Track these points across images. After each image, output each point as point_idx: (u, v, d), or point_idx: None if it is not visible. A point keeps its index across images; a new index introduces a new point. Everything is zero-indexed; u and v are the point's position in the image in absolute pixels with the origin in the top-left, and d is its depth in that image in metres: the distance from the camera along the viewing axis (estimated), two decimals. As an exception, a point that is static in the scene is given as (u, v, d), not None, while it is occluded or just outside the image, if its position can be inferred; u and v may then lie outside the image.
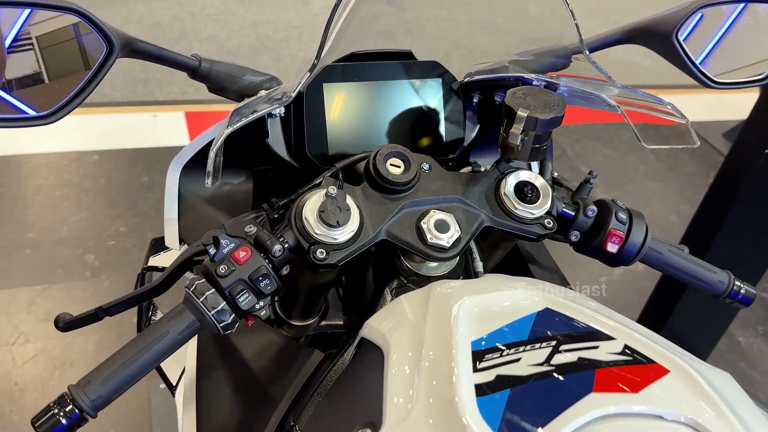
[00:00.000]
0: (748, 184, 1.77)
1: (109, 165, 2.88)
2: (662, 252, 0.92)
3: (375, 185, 0.83)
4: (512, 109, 0.80)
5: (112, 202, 2.68)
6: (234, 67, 0.92)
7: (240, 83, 0.92)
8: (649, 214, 2.85)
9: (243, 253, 0.74)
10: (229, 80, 0.92)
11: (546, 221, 0.86)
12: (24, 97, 0.72)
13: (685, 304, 2.17)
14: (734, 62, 0.93)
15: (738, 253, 1.95)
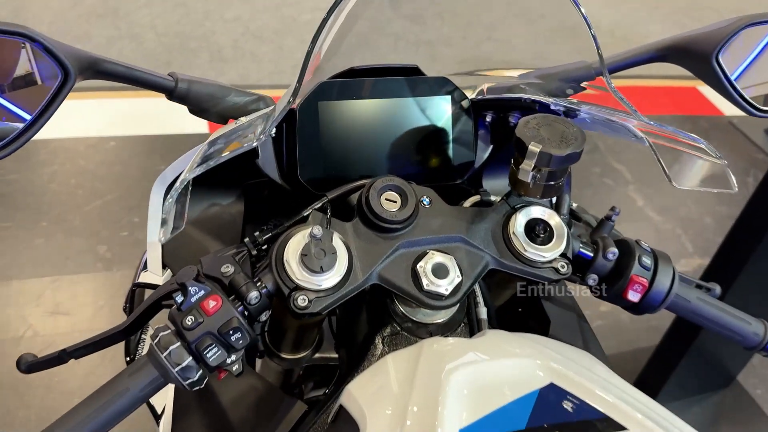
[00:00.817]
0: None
1: (126, 152, 2.84)
2: (690, 300, 0.83)
3: (368, 222, 0.75)
4: (523, 142, 0.71)
5: (127, 191, 2.63)
6: (215, 87, 0.84)
7: (222, 104, 0.84)
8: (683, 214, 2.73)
9: (213, 302, 0.67)
10: (210, 101, 0.83)
11: (560, 265, 0.77)
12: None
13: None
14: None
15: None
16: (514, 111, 0.90)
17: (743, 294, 1.75)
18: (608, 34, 4.68)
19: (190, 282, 0.67)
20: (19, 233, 2.42)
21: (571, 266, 0.79)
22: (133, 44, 3.79)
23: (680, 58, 0.84)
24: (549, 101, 0.82)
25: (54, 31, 3.70)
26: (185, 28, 3.99)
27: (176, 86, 0.81)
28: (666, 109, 3.85)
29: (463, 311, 0.81)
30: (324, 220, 0.74)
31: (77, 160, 2.75)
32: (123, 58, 3.31)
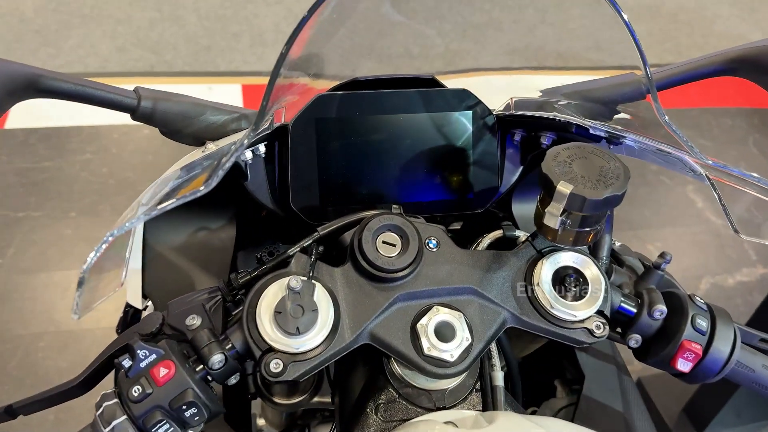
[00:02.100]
0: None
1: (159, 141, 2.75)
2: (754, 368, 0.68)
3: (360, 269, 0.63)
4: (551, 180, 0.57)
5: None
6: (188, 104, 0.72)
7: (196, 125, 0.72)
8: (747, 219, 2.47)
9: (164, 369, 0.56)
10: (182, 121, 0.72)
11: (595, 325, 0.64)
12: None
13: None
14: None
15: None
16: (546, 131, 0.76)
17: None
18: (670, 19, 4.40)
19: (138, 344, 0.57)
20: (49, 223, 2.39)
21: (611, 323, 0.66)
22: (174, 27, 3.72)
23: (752, 72, 0.68)
24: (588, 124, 0.68)
25: (96, 15, 3.67)
26: (227, 11, 3.91)
27: (139, 105, 0.70)
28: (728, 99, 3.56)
29: (475, 375, 0.68)
30: (308, 266, 0.62)
31: (110, 149, 2.70)
32: (163, 42, 3.23)
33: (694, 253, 2.61)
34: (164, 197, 0.56)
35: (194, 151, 0.73)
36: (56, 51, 3.43)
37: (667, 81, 0.73)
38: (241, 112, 0.76)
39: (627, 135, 0.66)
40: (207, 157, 0.66)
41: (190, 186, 0.56)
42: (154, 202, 0.55)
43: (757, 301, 2.37)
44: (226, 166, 0.54)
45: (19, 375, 1.94)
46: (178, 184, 0.60)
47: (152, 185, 0.64)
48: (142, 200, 0.60)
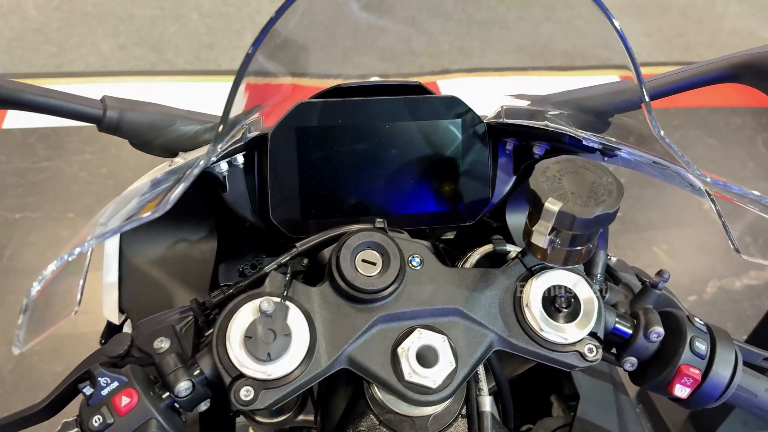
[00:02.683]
0: None
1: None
2: (756, 393, 0.64)
3: (338, 289, 0.59)
4: (539, 197, 0.54)
5: (157, 182, 2.54)
6: (157, 114, 0.69)
7: (166, 135, 0.69)
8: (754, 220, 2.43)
9: (126, 398, 0.53)
10: (150, 132, 0.69)
11: (587, 348, 0.60)
12: None
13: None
14: None
15: None
16: (539, 141, 0.72)
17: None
18: (680, 15, 4.34)
19: (100, 371, 0.54)
20: (47, 224, 2.36)
21: (605, 345, 0.62)
22: (176, 25, 3.70)
23: (756, 78, 0.64)
24: (580, 135, 0.64)
25: (97, 14, 3.65)
26: (230, 8, 3.88)
27: (105, 115, 0.67)
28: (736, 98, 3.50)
29: (461, 400, 0.65)
30: (282, 286, 0.59)
31: (109, 149, 2.68)
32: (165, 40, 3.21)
33: (701, 255, 2.56)
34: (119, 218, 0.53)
35: (164, 164, 0.70)
36: (57, 49, 3.41)
37: (666, 89, 0.69)
38: (215, 121, 0.73)
39: (621, 147, 0.62)
40: (172, 171, 0.62)
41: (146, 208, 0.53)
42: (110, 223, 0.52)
43: (765, 305, 2.33)
44: (177, 192, 0.51)
45: (14, 379, 1.92)
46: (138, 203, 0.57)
47: (113, 202, 0.61)
48: (100, 219, 0.57)
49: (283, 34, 0.59)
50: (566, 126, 0.67)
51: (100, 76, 3.24)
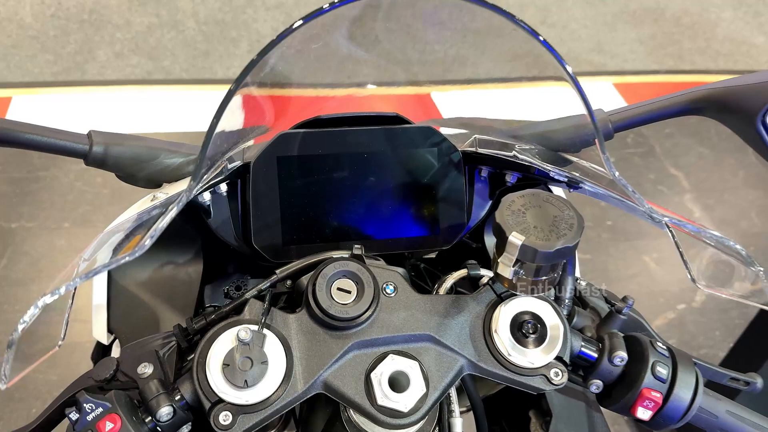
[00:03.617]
0: None
1: (153, 150, 2.78)
2: (717, 415, 0.67)
3: (314, 316, 0.62)
4: (503, 231, 0.56)
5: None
6: (141, 147, 0.72)
7: (150, 168, 0.72)
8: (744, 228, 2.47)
9: (110, 423, 0.55)
10: (135, 165, 0.71)
11: (553, 372, 0.62)
12: None
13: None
14: None
15: None
16: (511, 170, 0.75)
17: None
18: (674, 22, 4.38)
19: (85, 397, 0.56)
20: (42, 234, 2.39)
21: (573, 367, 0.65)
22: (172, 33, 3.73)
23: (717, 113, 0.67)
24: (547, 168, 0.67)
25: (94, 21, 3.68)
26: (226, 15, 3.91)
27: (91, 150, 0.69)
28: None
29: (434, 422, 0.67)
30: (260, 314, 0.61)
31: (105, 157, 2.71)
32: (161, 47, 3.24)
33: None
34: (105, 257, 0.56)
35: (148, 196, 0.73)
36: (54, 57, 3.44)
37: (631, 121, 0.72)
38: (197, 153, 0.76)
39: (584, 181, 0.65)
40: (155, 207, 0.65)
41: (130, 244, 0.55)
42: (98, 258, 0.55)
43: (753, 313, 2.35)
44: (155, 234, 0.53)
45: (9, 389, 1.94)
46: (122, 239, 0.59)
47: (98, 237, 0.64)
48: (84, 254, 0.60)
49: (265, 70, 0.61)
50: (534, 159, 0.69)
51: (97, 84, 3.27)
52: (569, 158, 0.71)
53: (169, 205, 0.57)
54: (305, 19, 0.53)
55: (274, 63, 0.61)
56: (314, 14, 0.54)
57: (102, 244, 0.60)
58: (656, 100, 0.72)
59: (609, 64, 3.94)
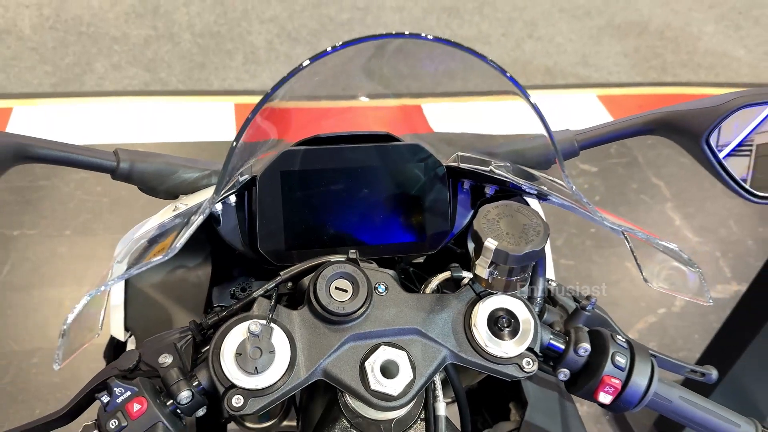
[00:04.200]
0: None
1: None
2: (671, 400, 0.75)
3: (315, 312, 0.70)
4: (479, 237, 0.65)
5: (151, 200, 2.64)
6: (162, 164, 0.80)
7: (170, 182, 0.80)
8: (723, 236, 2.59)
9: (137, 405, 0.63)
10: (157, 179, 0.80)
11: (525, 361, 0.71)
12: None
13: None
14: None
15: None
16: (489, 183, 0.84)
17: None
18: (657, 36, 4.50)
19: (115, 382, 0.64)
20: (44, 241, 2.46)
21: (542, 358, 0.73)
22: (169, 45, 3.81)
23: (670, 133, 0.76)
24: (519, 182, 0.76)
25: (92, 33, 3.76)
26: (222, 28, 4.00)
27: (118, 166, 0.78)
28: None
29: (420, 406, 0.76)
30: (268, 310, 0.70)
31: (104, 167, 2.78)
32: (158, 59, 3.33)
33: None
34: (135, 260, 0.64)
35: (168, 206, 0.81)
36: (53, 68, 3.52)
37: (596, 139, 0.81)
38: (211, 169, 0.84)
39: (552, 194, 0.74)
40: (177, 216, 0.73)
41: (156, 249, 0.64)
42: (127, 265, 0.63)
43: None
44: (184, 239, 0.62)
45: (13, 391, 2.01)
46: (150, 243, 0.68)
47: (126, 241, 0.72)
48: (116, 258, 0.68)
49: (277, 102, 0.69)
50: (508, 175, 0.78)
51: (95, 96, 3.35)
52: (539, 174, 0.80)
53: (190, 215, 0.65)
54: (312, 60, 0.61)
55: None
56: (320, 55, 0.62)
57: (131, 250, 0.68)
58: (617, 122, 0.81)
59: (594, 77, 4.05)
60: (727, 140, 0.72)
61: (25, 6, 3.93)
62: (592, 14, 4.68)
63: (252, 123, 0.63)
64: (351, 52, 0.63)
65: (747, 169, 0.73)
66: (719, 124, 0.70)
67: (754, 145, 0.73)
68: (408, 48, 0.76)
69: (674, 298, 2.57)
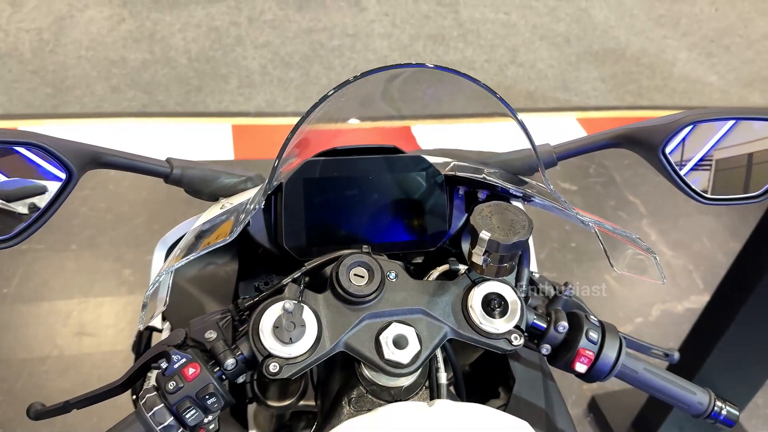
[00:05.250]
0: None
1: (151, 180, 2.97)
2: (637, 371, 0.89)
3: (337, 295, 0.83)
4: (476, 230, 0.79)
5: (152, 216, 2.77)
6: (207, 171, 0.94)
7: (213, 186, 0.93)
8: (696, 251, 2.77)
9: (192, 369, 0.76)
10: (203, 183, 0.93)
11: (513, 336, 0.84)
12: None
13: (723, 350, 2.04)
14: (726, 178, 0.88)
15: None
16: (481, 188, 0.98)
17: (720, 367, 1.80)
18: (633, 62, 4.71)
19: (173, 351, 0.77)
20: (51, 255, 2.56)
21: (527, 336, 0.86)
22: (166, 69, 3.94)
23: (632, 146, 0.91)
24: (508, 187, 0.90)
25: (91, 57, 3.88)
26: (217, 53, 4.14)
27: (171, 172, 0.91)
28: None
29: (425, 375, 0.88)
30: (297, 293, 0.83)
31: (107, 185, 2.90)
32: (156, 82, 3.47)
33: (647, 282, 2.85)
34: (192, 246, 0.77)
35: (213, 207, 0.94)
36: (54, 91, 3.63)
37: (570, 151, 0.95)
38: (247, 176, 0.97)
39: (534, 196, 0.88)
40: (225, 212, 0.86)
41: (216, 234, 0.77)
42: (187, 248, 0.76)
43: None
44: (247, 220, 0.75)
45: (24, 396, 2.10)
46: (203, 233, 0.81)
47: (165, 242, 0.85)
48: (176, 251, 0.81)
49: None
50: (498, 180, 0.92)
51: (96, 117, 3.47)
52: (524, 179, 0.94)
53: (236, 211, 0.79)
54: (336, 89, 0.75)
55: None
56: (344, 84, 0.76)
57: (188, 242, 0.81)
58: (589, 137, 0.95)
59: (573, 101, 4.24)
60: (680, 151, 0.87)
61: (25, 31, 4.05)
62: (571, 42, 4.89)
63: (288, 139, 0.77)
64: (369, 79, 0.77)
65: (697, 175, 0.88)
66: (672, 137, 0.84)
67: (702, 155, 0.88)
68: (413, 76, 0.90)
69: (650, 308, 2.72)
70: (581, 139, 0.97)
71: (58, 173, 0.74)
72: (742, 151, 0.87)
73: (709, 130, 0.87)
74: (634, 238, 0.83)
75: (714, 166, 0.88)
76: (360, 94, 0.92)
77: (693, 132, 0.86)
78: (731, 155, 0.87)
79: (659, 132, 0.86)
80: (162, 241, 1.02)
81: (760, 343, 1.83)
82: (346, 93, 0.84)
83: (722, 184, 0.88)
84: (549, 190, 0.82)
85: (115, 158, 0.84)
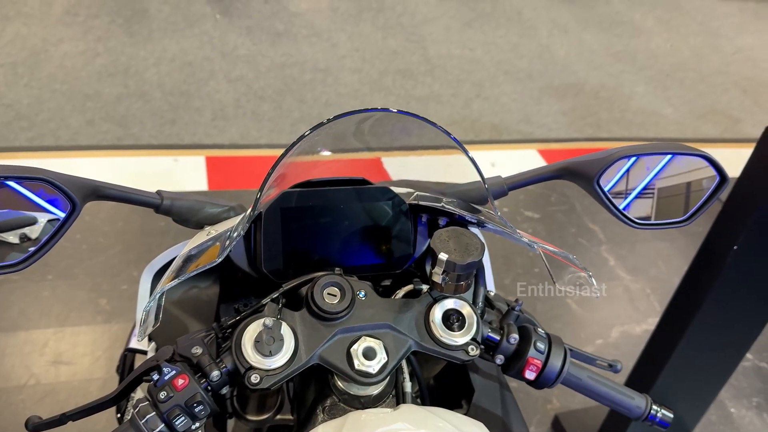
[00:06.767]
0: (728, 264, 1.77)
1: (128, 208, 3.03)
2: (581, 378, 0.99)
3: (312, 312, 0.92)
4: (435, 252, 0.89)
5: (127, 247, 2.82)
6: (194, 201, 1.03)
7: (199, 215, 1.03)
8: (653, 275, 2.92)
9: (181, 380, 0.84)
10: (189, 213, 1.02)
11: (470, 348, 0.94)
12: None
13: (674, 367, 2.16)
14: (657, 205, 1.00)
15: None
16: (442, 216, 1.09)
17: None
18: (592, 96, 4.91)
19: (164, 364, 0.85)
20: (28, 285, 2.60)
21: (482, 348, 0.96)
22: (140, 102, 4.01)
23: (572, 178, 1.03)
24: (465, 214, 1.01)
25: (66, 91, 3.94)
26: (190, 87, 4.22)
27: (162, 203, 1.00)
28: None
29: (392, 385, 0.98)
30: (276, 311, 0.92)
31: (83, 216, 2.93)
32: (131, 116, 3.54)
33: (607, 305, 2.98)
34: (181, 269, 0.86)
35: (199, 234, 1.03)
36: (29, 124, 3.68)
37: (519, 183, 1.07)
38: (230, 205, 1.07)
39: (488, 222, 0.99)
40: (211, 238, 0.96)
41: (204, 259, 0.86)
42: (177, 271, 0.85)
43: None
44: (233, 245, 0.85)
45: (2, 424, 2.13)
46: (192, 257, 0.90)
47: (151, 269, 0.95)
48: (167, 273, 0.90)
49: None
50: (456, 209, 1.03)
51: (71, 150, 3.52)
52: (478, 208, 1.05)
53: (221, 237, 0.88)
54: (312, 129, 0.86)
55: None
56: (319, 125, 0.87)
57: (177, 266, 0.90)
58: (536, 169, 1.07)
59: (535, 133, 4.41)
60: (613, 182, 0.99)
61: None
62: (533, 77, 5.08)
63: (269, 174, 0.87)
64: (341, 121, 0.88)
65: (629, 203, 1.00)
66: (605, 170, 0.96)
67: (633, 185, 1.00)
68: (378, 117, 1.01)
69: (610, 330, 2.84)
70: (530, 171, 1.08)
71: (54, 210, 0.83)
72: (670, 182, 1.00)
73: (640, 164, 0.99)
74: (572, 258, 0.94)
75: (645, 195, 1.00)
76: (333, 132, 1.02)
77: (622, 167, 0.99)
78: (661, 186, 0.99)
79: (594, 165, 0.98)
80: (149, 267, 1.10)
81: (707, 360, 1.96)
82: (320, 132, 0.94)
83: (653, 210, 1.00)
84: (497, 217, 0.93)
85: (112, 191, 0.93)
